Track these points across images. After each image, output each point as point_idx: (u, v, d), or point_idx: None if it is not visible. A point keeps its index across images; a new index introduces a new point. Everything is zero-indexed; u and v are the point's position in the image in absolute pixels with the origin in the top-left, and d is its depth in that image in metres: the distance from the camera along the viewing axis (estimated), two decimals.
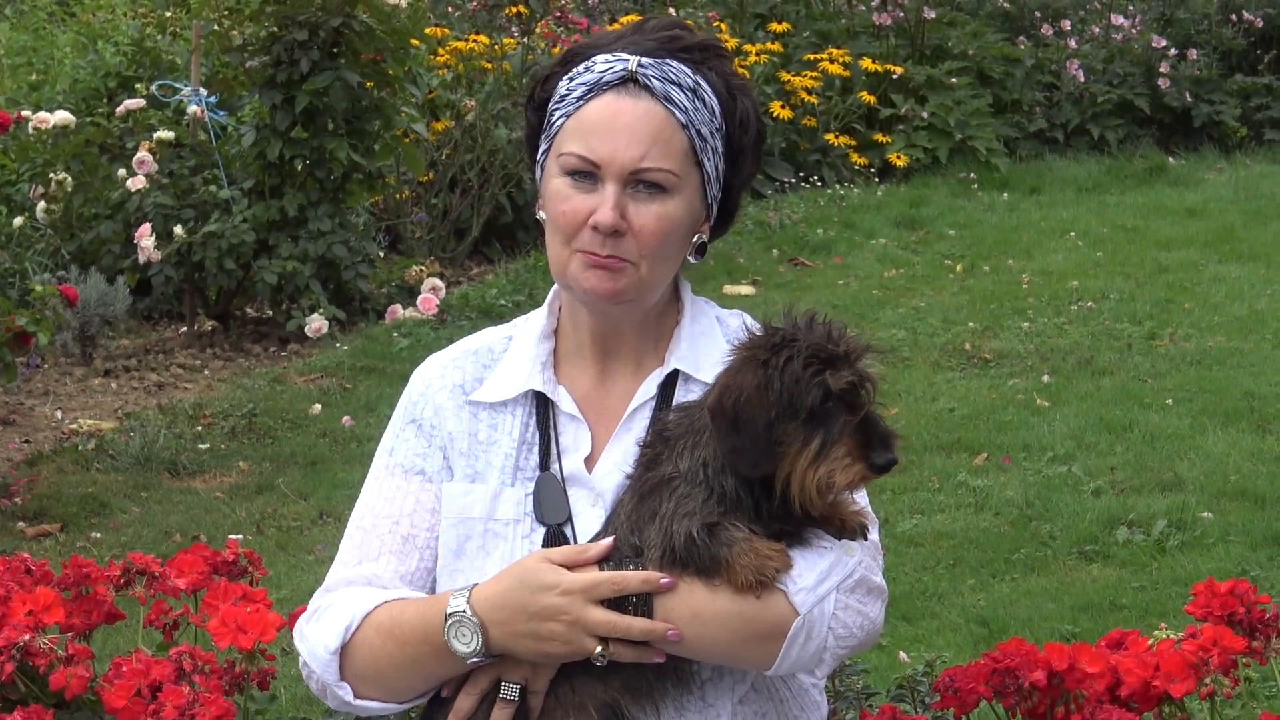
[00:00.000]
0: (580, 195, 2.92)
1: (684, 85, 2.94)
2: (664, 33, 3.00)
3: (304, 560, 7.01)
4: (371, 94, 10.24)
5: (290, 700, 5.39)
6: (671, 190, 2.93)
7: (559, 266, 2.97)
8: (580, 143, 2.92)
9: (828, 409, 2.74)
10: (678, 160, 2.93)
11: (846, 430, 2.74)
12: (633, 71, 2.92)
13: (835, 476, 2.73)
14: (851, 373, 2.75)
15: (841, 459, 2.73)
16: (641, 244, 2.92)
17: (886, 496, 7.41)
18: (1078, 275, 11.09)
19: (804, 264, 11.72)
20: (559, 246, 2.96)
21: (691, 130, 2.94)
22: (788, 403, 2.74)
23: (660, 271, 2.97)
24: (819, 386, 2.73)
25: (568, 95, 2.96)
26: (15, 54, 13.49)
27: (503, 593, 2.82)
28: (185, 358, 10.16)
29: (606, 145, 2.90)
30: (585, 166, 2.92)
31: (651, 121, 2.92)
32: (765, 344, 2.79)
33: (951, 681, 3.40)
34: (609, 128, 2.91)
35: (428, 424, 3.08)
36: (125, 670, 3.42)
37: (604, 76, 2.93)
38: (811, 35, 15.01)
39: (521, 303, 10.38)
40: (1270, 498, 7.22)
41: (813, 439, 2.74)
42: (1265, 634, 3.39)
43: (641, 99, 2.92)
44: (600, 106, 2.93)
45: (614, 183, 2.90)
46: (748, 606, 2.78)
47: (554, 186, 2.96)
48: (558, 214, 2.94)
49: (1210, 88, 15.54)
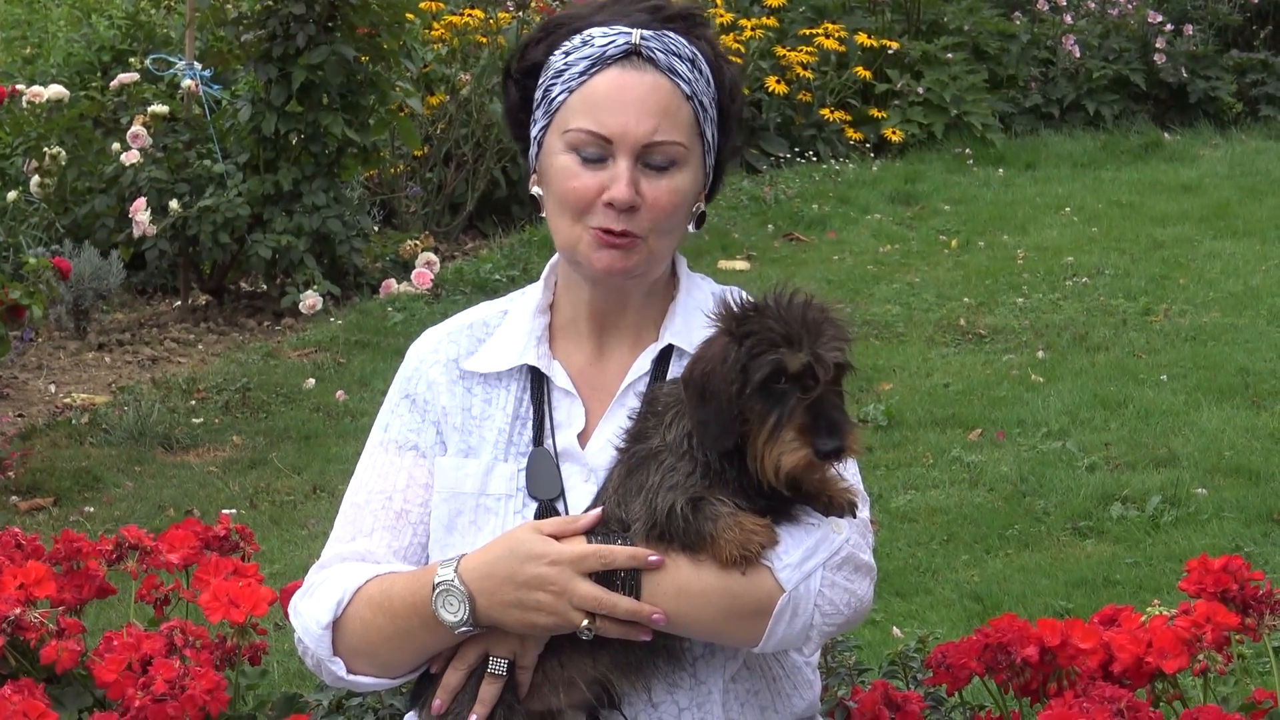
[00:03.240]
0: (589, 172, 2.90)
1: (683, 56, 2.93)
2: (647, 2, 2.98)
3: (297, 535, 7.01)
4: (366, 68, 10.21)
5: (282, 675, 5.40)
6: (680, 163, 2.92)
7: (568, 244, 2.95)
8: (589, 118, 2.89)
9: (783, 389, 2.70)
10: (685, 132, 2.92)
11: (796, 412, 2.69)
12: (636, 44, 2.90)
13: (783, 459, 2.69)
14: (808, 353, 2.69)
15: (789, 442, 2.69)
16: (654, 218, 2.90)
17: (880, 472, 7.41)
18: (1073, 251, 11.07)
19: (799, 239, 11.71)
20: (567, 224, 2.93)
21: (695, 101, 2.93)
22: (744, 378, 2.70)
23: (668, 244, 2.96)
24: (772, 364, 2.69)
25: (566, 70, 2.93)
26: (9, 27, 13.46)
27: (491, 562, 2.81)
28: (179, 332, 10.15)
29: (617, 120, 2.88)
30: (595, 143, 2.89)
31: (659, 94, 2.90)
32: (737, 317, 2.76)
33: (944, 658, 3.41)
34: (618, 102, 2.88)
35: (421, 399, 3.07)
36: (116, 644, 3.43)
37: (606, 50, 2.90)
38: (807, 10, 14.97)
39: (516, 277, 10.36)
40: (1264, 474, 7.22)
41: (769, 418, 2.70)
42: (1258, 610, 3.39)
43: (647, 72, 2.90)
44: (607, 81, 2.90)
45: (626, 158, 2.88)
46: (733, 583, 2.76)
47: (560, 163, 2.92)
48: (567, 190, 2.91)
49: (1206, 63, 15.51)
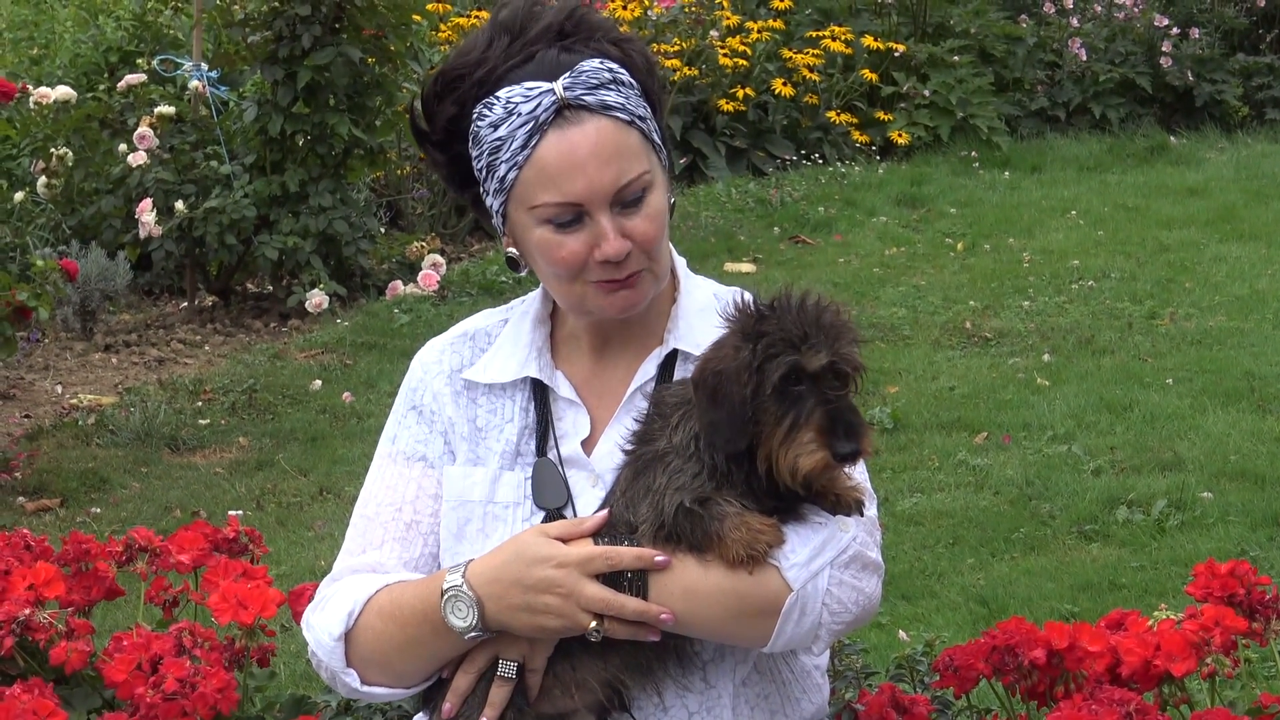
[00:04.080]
0: (571, 237, 2.87)
1: (605, 82, 2.87)
2: (536, 28, 2.91)
3: (304, 536, 7.02)
4: (373, 70, 10.22)
5: (290, 677, 5.41)
6: (650, 186, 2.89)
7: (573, 303, 2.94)
8: (551, 191, 2.84)
9: (800, 391, 2.69)
10: (642, 157, 2.89)
11: (815, 414, 2.68)
12: (562, 99, 2.84)
13: (800, 461, 2.69)
14: (829, 354, 2.69)
15: (806, 444, 2.68)
16: (646, 248, 2.89)
17: (886, 475, 7.41)
18: (1078, 254, 11.07)
19: (805, 241, 11.71)
20: (565, 286, 2.92)
21: (635, 121, 2.88)
22: (759, 379, 2.70)
23: (665, 259, 2.96)
24: (789, 365, 2.68)
25: (502, 144, 2.86)
26: (17, 28, 13.48)
27: (498, 566, 2.81)
28: (186, 333, 10.16)
29: (578, 183, 2.83)
30: (567, 210, 2.85)
31: (605, 139, 2.84)
32: (749, 318, 2.76)
33: (951, 660, 3.40)
34: (572, 165, 2.83)
35: (428, 410, 3.08)
36: (125, 645, 3.43)
37: (538, 116, 2.83)
38: (813, 12, 14.97)
39: (522, 279, 10.37)
40: (1270, 478, 7.21)
41: (784, 419, 2.69)
42: (1265, 615, 3.39)
43: (585, 121, 2.84)
44: (552, 148, 2.84)
45: (602, 213, 2.85)
46: (740, 583, 2.76)
47: (537, 236, 2.89)
48: (557, 261, 2.88)
49: (1212, 67, 15.50)
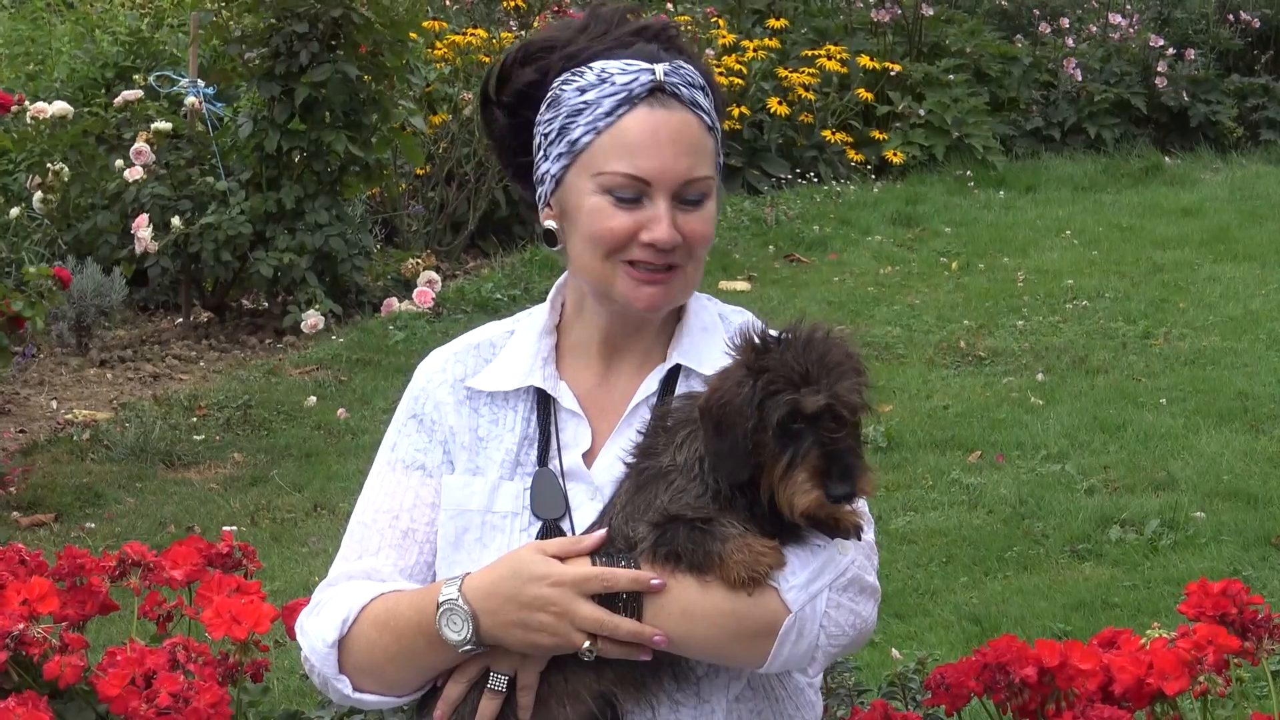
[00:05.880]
0: (624, 212, 2.89)
1: (698, 85, 2.93)
2: (634, 25, 2.98)
3: (298, 552, 7.02)
4: (369, 87, 10.23)
5: (283, 692, 5.40)
6: (709, 194, 2.93)
7: (600, 281, 2.94)
8: (625, 161, 2.88)
9: (798, 429, 2.70)
10: (711, 164, 2.94)
11: (811, 455, 2.69)
12: (660, 82, 2.89)
13: (796, 500, 2.70)
14: (828, 395, 2.69)
15: (801, 483, 2.69)
16: (693, 248, 2.91)
17: (880, 494, 7.41)
18: (1073, 274, 11.09)
19: (800, 260, 11.73)
20: (598, 261, 2.93)
21: (715, 131, 2.95)
22: (760, 415, 2.71)
23: (700, 269, 2.98)
24: (788, 405, 2.69)
25: (587, 108, 2.91)
26: (13, 44, 13.48)
27: (494, 582, 2.81)
28: (181, 349, 10.16)
29: (653, 162, 2.87)
30: (633, 185, 2.88)
31: (689, 131, 2.90)
32: (755, 350, 2.77)
33: (943, 678, 3.40)
34: (653, 143, 2.87)
35: (429, 419, 3.08)
36: (119, 659, 3.43)
37: (632, 89, 2.88)
38: (809, 32, 15.02)
39: (517, 296, 10.39)
40: (1263, 498, 7.23)
41: (783, 456, 2.70)
42: (1257, 634, 3.39)
43: (674, 109, 2.90)
44: (638, 121, 2.88)
45: (664, 198, 2.88)
46: (739, 604, 2.77)
47: (592, 204, 2.91)
48: (602, 231, 2.90)
49: (1207, 88, 15.56)
